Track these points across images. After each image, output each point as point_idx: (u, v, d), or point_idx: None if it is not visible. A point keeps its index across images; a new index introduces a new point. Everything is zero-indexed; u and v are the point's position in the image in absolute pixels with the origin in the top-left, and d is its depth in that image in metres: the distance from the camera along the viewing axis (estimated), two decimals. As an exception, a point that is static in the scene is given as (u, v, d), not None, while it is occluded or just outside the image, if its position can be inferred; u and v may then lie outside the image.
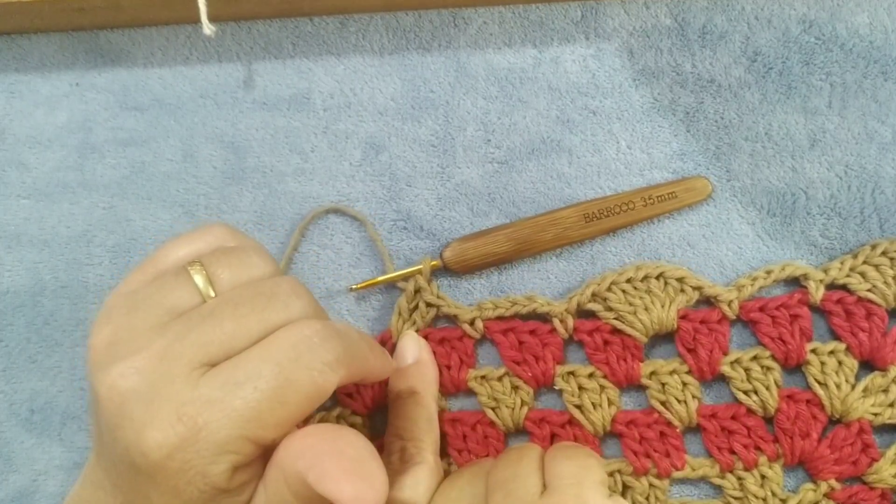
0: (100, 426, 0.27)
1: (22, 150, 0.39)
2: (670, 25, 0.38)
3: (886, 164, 0.37)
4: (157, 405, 0.25)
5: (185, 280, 0.28)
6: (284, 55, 0.39)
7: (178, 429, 0.25)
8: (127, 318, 0.27)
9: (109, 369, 0.26)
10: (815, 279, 0.36)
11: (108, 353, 0.26)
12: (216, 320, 0.26)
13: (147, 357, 0.26)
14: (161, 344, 0.26)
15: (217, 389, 0.25)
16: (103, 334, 0.27)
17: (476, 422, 0.37)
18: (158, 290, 0.28)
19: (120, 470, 0.27)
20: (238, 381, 0.25)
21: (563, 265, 0.38)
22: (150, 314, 0.27)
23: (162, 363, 0.26)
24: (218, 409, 0.25)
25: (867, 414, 0.35)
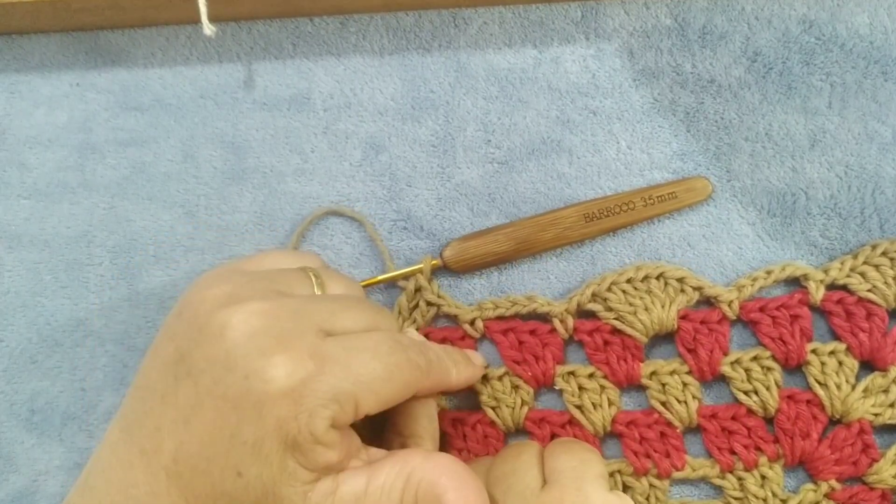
0: (190, 366, 0.28)
1: (22, 151, 0.39)
2: (670, 25, 0.38)
3: (886, 164, 0.37)
4: (291, 343, 0.27)
5: (303, 276, 0.32)
6: (284, 55, 0.39)
7: (308, 365, 0.27)
8: (249, 283, 0.29)
9: (242, 306, 0.28)
10: (815, 279, 0.36)
11: (234, 298, 0.28)
12: (340, 303, 0.30)
13: (279, 306, 0.28)
14: (290, 303, 0.29)
15: (341, 349, 0.28)
16: (223, 288, 0.29)
17: (476, 421, 0.37)
18: (278, 275, 0.31)
19: (204, 409, 0.27)
20: (359, 348, 0.28)
21: (563, 265, 0.38)
22: (270, 285, 0.30)
23: (294, 314, 0.28)
24: (340, 364, 0.28)
25: (867, 414, 0.35)
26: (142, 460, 0.28)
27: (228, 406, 0.27)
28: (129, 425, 0.29)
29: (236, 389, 0.27)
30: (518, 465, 0.32)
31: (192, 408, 0.28)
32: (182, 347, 0.28)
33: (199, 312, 0.28)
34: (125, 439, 0.29)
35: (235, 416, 0.27)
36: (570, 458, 0.32)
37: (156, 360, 0.30)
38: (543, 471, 0.32)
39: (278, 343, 0.27)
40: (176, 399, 0.28)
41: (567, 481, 0.31)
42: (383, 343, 0.29)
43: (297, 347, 0.27)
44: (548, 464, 0.32)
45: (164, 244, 0.38)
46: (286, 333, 0.28)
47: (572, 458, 0.32)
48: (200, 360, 0.28)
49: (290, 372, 0.27)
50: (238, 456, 0.27)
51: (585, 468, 0.31)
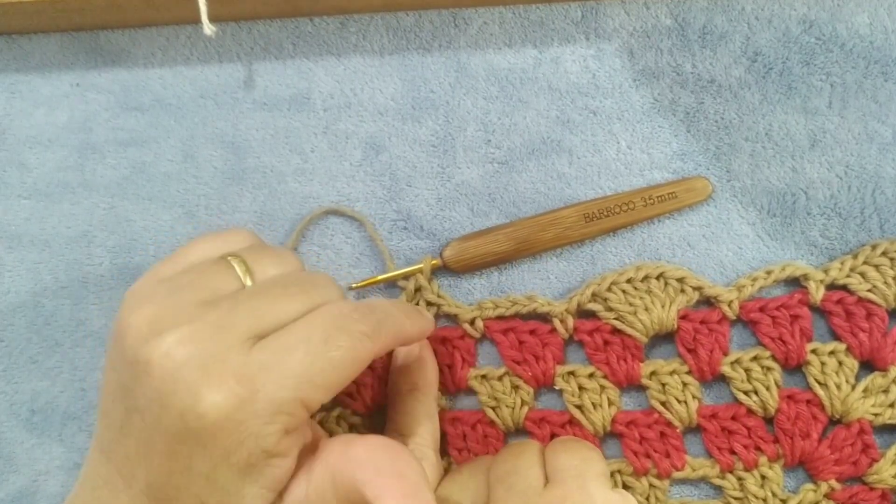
0: (134, 401, 0.27)
1: (22, 151, 0.39)
2: (670, 25, 0.38)
3: (886, 164, 0.37)
4: (216, 369, 0.26)
5: (227, 268, 0.30)
6: (284, 55, 0.39)
7: (237, 390, 0.26)
8: (170, 298, 0.28)
9: (161, 338, 0.27)
10: (815, 279, 0.36)
11: (155, 327, 0.27)
12: (267, 297, 0.28)
13: (201, 327, 0.27)
14: (214, 316, 0.27)
15: (270, 355, 0.27)
16: (145, 313, 0.27)
17: (476, 421, 0.37)
18: (200, 276, 0.29)
19: (155, 444, 0.27)
20: (289, 347, 0.27)
21: (563, 265, 0.38)
22: (194, 294, 0.28)
23: (216, 332, 0.27)
24: (274, 373, 0.26)
25: (867, 414, 0.35)
26: (123, 483, 0.28)
27: (175, 441, 0.27)
28: (105, 449, 0.29)
29: (176, 427, 0.26)
30: (519, 464, 0.32)
31: (146, 442, 0.27)
32: (123, 381, 0.28)
33: (125, 346, 0.27)
34: (105, 462, 0.29)
35: (184, 451, 0.27)
36: (572, 456, 0.32)
37: (106, 388, 0.29)
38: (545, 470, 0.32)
39: (203, 373, 0.26)
40: (131, 431, 0.28)
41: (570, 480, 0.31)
42: (315, 330, 0.28)
43: (223, 373, 0.26)
44: (549, 462, 0.32)
45: (164, 244, 0.38)
46: (210, 359, 0.26)
47: (574, 457, 0.32)
48: (140, 397, 0.27)
49: (220, 402, 0.26)
50: (198, 487, 0.27)
51: (587, 466, 0.31)
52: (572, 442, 0.34)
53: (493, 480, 0.32)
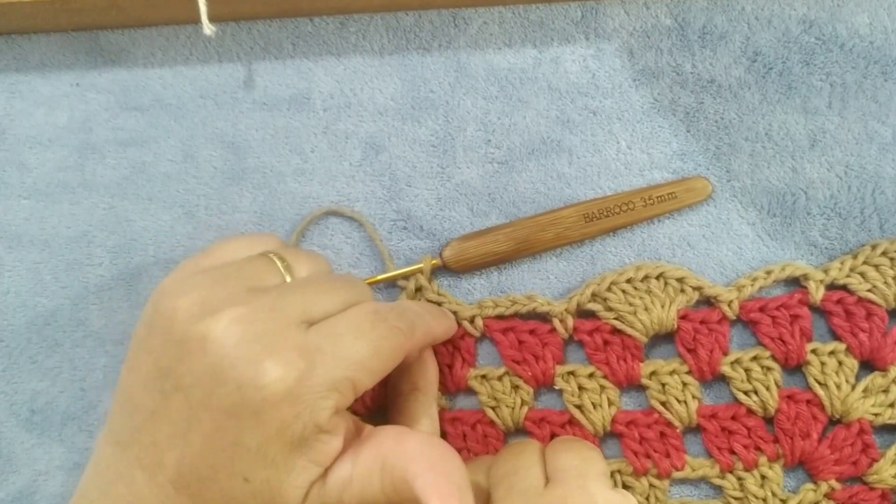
0: (177, 380, 0.27)
1: (22, 151, 0.39)
2: (670, 25, 0.38)
3: (886, 164, 0.37)
4: (277, 344, 0.27)
5: (268, 263, 0.31)
6: (284, 55, 0.39)
7: (299, 364, 0.27)
8: (215, 286, 0.29)
9: (217, 316, 0.27)
10: (815, 279, 0.36)
11: (208, 307, 0.28)
12: (312, 290, 0.30)
13: (255, 308, 0.28)
14: (266, 300, 0.28)
15: (325, 337, 0.28)
16: (193, 296, 0.28)
17: (476, 421, 0.37)
18: (243, 268, 0.30)
19: (199, 422, 0.27)
20: (341, 332, 0.29)
21: (563, 265, 0.38)
22: (239, 283, 0.29)
23: (271, 313, 0.28)
24: (329, 352, 0.28)
25: (867, 414, 0.35)
26: (144, 475, 0.28)
27: (225, 416, 0.27)
28: (123, 441, 0.29)
29: (231, 400, 0.27)
30: (520, 464, 0.32)
31: (187, 421, 0.27)
32: (163, 362, 0.28)
33: (173, 326, 0.28)
34: (121, 455, 0.29)
35: (235, 426, 0.27)
36: (573, 456, 0.32)
37: (136, 376, 0.29)
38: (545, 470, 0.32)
39: (264, 347, 0.27)
40: (168, 414, 0.28)
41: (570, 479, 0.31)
42: (363, 320, 0.29)
43: (284, 347, 0.27)
44: (550, 462, 0.32)
45: (164, 244, 0.38)
46: (269, 335, 0.27)
47: (574, 457, 0.32)
48: (186, 375, 0.27)
49: (283, 375, 0.27)
50: (243, 462, 0.27)
51: (588, 466, 0.32)
52: (573, 442, 0.34)
53: (493, 481, 0.32)
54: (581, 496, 0.30)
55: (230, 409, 0.27)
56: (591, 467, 0.32)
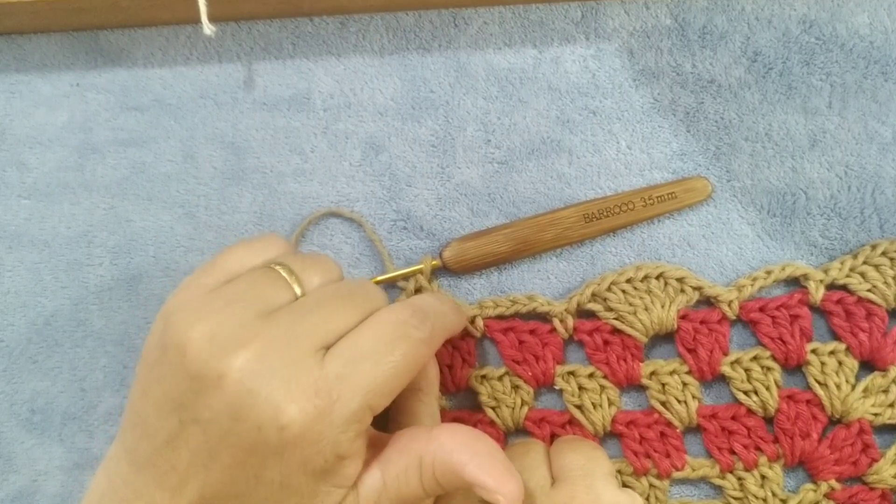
0: (193, 414, 0.27)
1: (22, 151, 0.39)
2: (670, 25, 0.38)
3: (886, 164, 0.37)
4: (293, 383, 0.27)
5: (276, 278, 0.30)
6: (284, 55, 0.39)
7: (317, 402, 0.27)
8: (227, 312, 0.28)
9: (232, 355, 0.27)
10: (815, 279, 0.36)
11: (220, 344, 0.27)
12: (325, 310, 0.29)
13: (270, 342, 0.27)
14: (279, 330, 0.28)
15: (342, 367, 0.28)
16: (203, 328, 0.28)
17: (476, 421, 0.37)
18: (251, 287, 0.30)
19: (219, 456, 0.27)
20: (358, 358, 0.28)
21: (563, 265, 0.38)
22: (249, 308, 0.28)
23: (287, 347, 0.27)
24: (347, 384, 0.27)
25: (867, 414, 0.35)
26: (164, 495, 0.28)
27: (245, 453, 0.27)
28: (139, 461, 0.28)
29: (250, 440, 0.27)
30: (525, 463, 0.32)
31: (207, 453, 0.27)
32: (177, 394, 0.28)
33: (185, 360, 0.27)
34: (138, 475, 0.28)
35: (255, 461, 0.27)
36: (578, 456, 0.32)
37: (148, 401, 0.29)
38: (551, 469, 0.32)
39: (282, 388, 0.27)
40: (186, 444, 0.27)
41: (577, 479, 0.31)
42: (379, 341, 0.29)
43: (302, 386, 0.27)
44: (555, 462, 0.32)
45: (164, 244, 0.38)
46: (286, 371, 0.27)
47: (580, 456, 0.32)
48: (204, 410, 0.27)
49: (301, 415, 0.26)
50: (267, 494, 0.27)
51: (594, 466, 0.32)
52: (578, 441, 0.34)
53: None
54: (588, 495, 0.30)
55: (249, 448, 0.27)
56: (597, 467, 0.32)
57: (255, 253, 0.32)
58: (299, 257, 0.32)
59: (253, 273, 0.30)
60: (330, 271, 0.32)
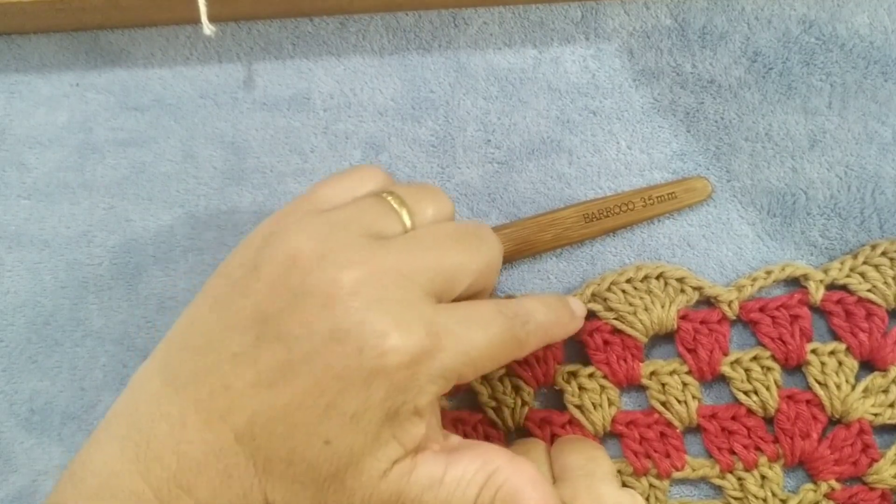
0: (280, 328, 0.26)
1: (22, 150, 0.39)
2: (670, 26, 0.38)
3: (886, 164, 0.37)
4: (408, 315, 0.26)
5: (386, 207, 0.29)
6: (284, 55, 0.39)
7: (426, 342, 0.26)
8: (335, 234, 0.27)
9: (345, 274, 0.26)
10: (815, 279, 0.36)
11: (332, 262, 0.26)
12: (442, 251, 0.28)
13: (382, 270, 0.26)
14: (393, 259, 0.27)
15: (455, 323, 0.27)
16: (312, 246, 0.26)
17: (477, 422, 0.37)
18: (362, 214, 0.28)
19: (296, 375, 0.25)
20: (473, 324, 0.27)
21: (563, 265, 0.38)
22: (358, 232, 0.27)
23: (400, 279, 0.26)
24: (454, 339, 0.26)
25: (867, 414, 0.35)
26: (199, 418, 0.26)
27: (330, 377, 0.25)
28: (180, 378, 0.27)
29: (345, 362, 0.25)
30: None
31: (280, 372, 0.26)
32: (265, 307, 0.26)
33: (290, 273, 0.26)
34: (173, 394, 0.27)
35: (337, 387, 0.25)
36: (579, 455, 0.32)
37: (222, 315, 0.27)
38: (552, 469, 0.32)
39: (393, 317, 0.25)
40: (256, 361, 0.26)
41: (578, 478, 0.31)
42: (494, 318, 0.28)
43: (413, 321, 0.26)
44: (556, 461, 0.32)
45: (164, 244, 0.38)
46: (398, 304, 0.26)
47: (581, 456, 0.32)
48: (296, 326, 0.25)
49: (409, 349, 0.25)
50: (332, 425, 0.26)
51: (595, 465, 0.32)
52: (579, 441, 0.34)
53: None
54: (589, 495, 0.30)
55: (339, 371, 0.25)
56: (599, 466, 0.32)
57: (359, 182, 0.30)
58: (411, 188, 0.30)
59: (363, 200, 0.29)
60: (443, 204, 0.30)
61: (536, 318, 0.30)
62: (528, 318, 0.29)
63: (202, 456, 0.26)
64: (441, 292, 0.28)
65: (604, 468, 0.32)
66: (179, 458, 0.26)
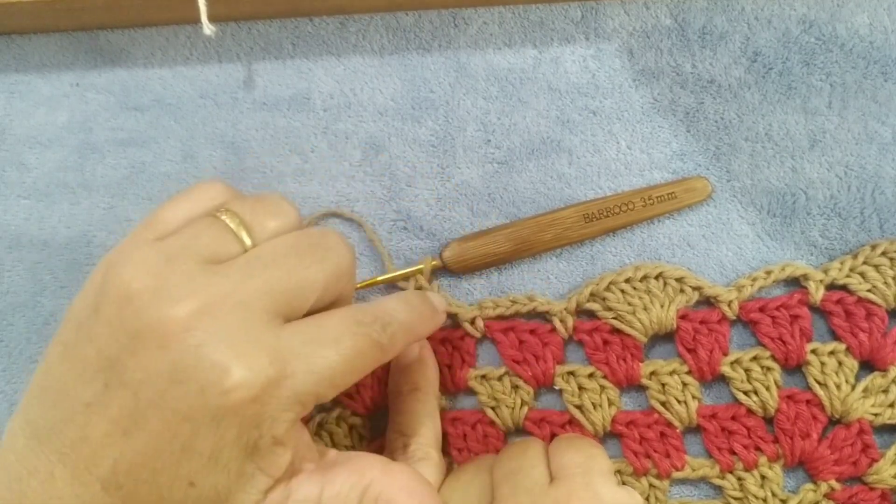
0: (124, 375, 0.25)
1: (22, 150, 0.39)
2: (670, 25, 0.38)
3: (886, 164, 0.37)
4: (247, 346, 0.25)
5: (222, 229, 0.27)
6: (284, 55, 0.39)
7: (269, 372, 0.25)
8: (168, 266, 0.26)
9: (179, 310, 0.25)
10: (815, 279, 0.36)
11: (165, 298, 0.25)
12: (282, 269, 0.26)
13: (218, 299, 0.25)
14: (228, 285, 0.25)
15: (302, 345, 0.26)
16: (145, 282, 0.25)
17: (476, 421, 0.37)
18: (194, 239, 0.27)
19: (146, 421, 0.25)
20: (321, 342, 0.26)
21: (563, 265, 0.38)
22: (193, 261, 0.26)
23: (237, 307, 0.25)
24: (303, 363, 0.25)
25: (867, 414, 0.35)
26: (66, 471, 0.25)
27: (179, 419, 0.25)
28: (42, 432, 0.26)
29: (188, 403, 0.25)
30: (524, 462, 0.32)
31: (131, 419, 0.25)
32: (108, 353, 0.25)
33: (125, 314, 0.25)
34: (38, 448, 0.26)
35: (188, 429, 0.25)
36: (577, 453, 0.32)
37: (72, 363, 0.26)
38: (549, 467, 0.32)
39: (232, 349, 0.25)
40: (107, 409, 0.25)
41: (575, 476, 0.31)
42: (345, 332, 0.27)
43: (254, 351, 0.25)
44: (554, 460, 0.32)
45: (164, 244, 0.38)
46: (238, 334, 0.25)
47: (579, 454, 0.32)
48: (137, 371, 0.25)
49: (252, 381, 0.24)
50: (192, 466, 0.25)
51: (593, 464, 0.32)
52: (576, 439, 0.34)
53: (497, 479, 0.32)
54: (586, 493, 0.30)
55: (186, 412, 0.25)
56: (596, 464, 0.32)
57: (196, 202, 0.29)
58: (248, 202, 0.29)
59: (197, 223, 0.27)
60: (284, 215, 0.29)
61: (398, 319, 0.29)
62: (388, 320, 0.28)
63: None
64: (288, 311, 0.26)
65: (601, 466, 0.32)
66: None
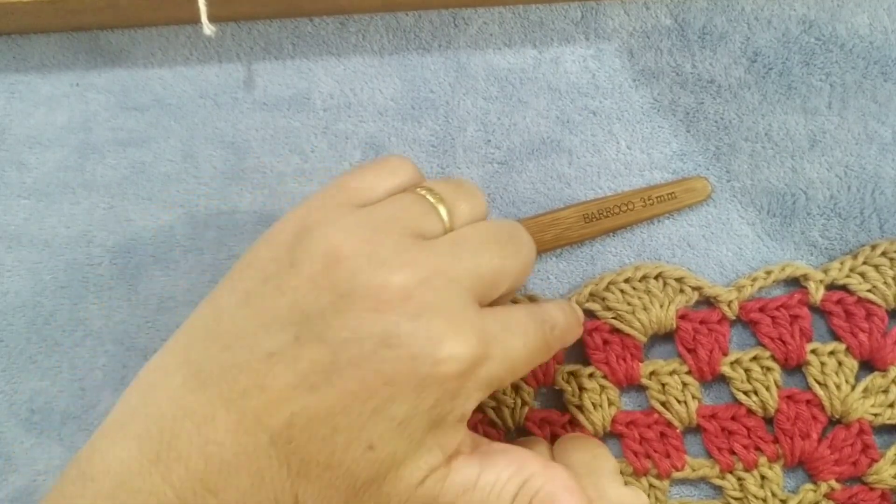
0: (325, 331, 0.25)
1: (22, 150, 0.39)
2: (670, 26, 0.38)
3: (886, 164, 0.37)
4: (461, 322, 0.25)
5: (427, 206, 0.28)
6: (284, 55, 0.39)
7: (477, 350, 0.25)
8: (378, 234, 0.26)
9: (395, 275, 0.25)
10: (815, 279, 0.36)
11: (377, 261, 0.25)
12: (486, 256, 0.27)
13: (433, 273, 0.25)
14: (440, 262, 0.26)
15: (500, 331, 0.26)
16: (358, 246, 0.25)
17: (477, 421, 0.37)
18: (403, 211, 0.27)
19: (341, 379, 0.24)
20: (514, 332, 0.27)
21: (563, 265, 0.38)
22: (401, 233, 0.26)
23: (449, 284, 0.25)
24: (500, 348, 0.26)
25: (867, 414, 0.35)
26: (230, 417, 0.25)
27: (380, 381, 0.24)
28: (205, 375, 0.25)
29: (396, 368, 0.24)
30: None
31: (323, 375, 0.24)
32: (305, 307, 0.25)
33: (333, 275, 0.25)
34: (198, 389, 0.25)
35: (387, 393, 0.25)
36: (583, 453, 0.32)
37: (255, 311, 0.26)
38: None
39: (448, 323, 0.25)
40: (295, 362, 0.25)
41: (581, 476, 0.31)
42: (532, 326, 0.28)
43: (466, 328, 0.25)
44: (559, 459, 0.32)
45: (164, 244, 0.38)
46: (450, 310, 0.25)
47: (584, 454, 0.32)
48: (341, 329, 0.24)
49: (462, 356, 0.25)
50: (377, 430, 0.25)
51: (598, 463, 0.32)
52: (582, 439, 0.34)
53: None
54: (593, 493, 0.30)
55: (390, 375, 0.24)
56: (602, 464, 0.32)
57: (395, 176, 0.29)
58: (448, 184, 0.29)
59: (403, 197, 0.28)
60: (478, 202, 0.30)
61: (559, 324, 0.30)
62: (554, 324, 0.29)
63: (233, 458, 0.25)
64: (482, 297, 0.27)
65: (607, 465, 0.32)
66: (207, 460, 0.25)
